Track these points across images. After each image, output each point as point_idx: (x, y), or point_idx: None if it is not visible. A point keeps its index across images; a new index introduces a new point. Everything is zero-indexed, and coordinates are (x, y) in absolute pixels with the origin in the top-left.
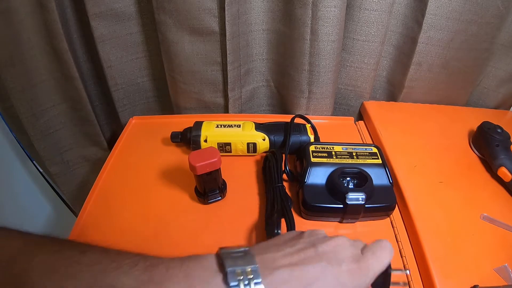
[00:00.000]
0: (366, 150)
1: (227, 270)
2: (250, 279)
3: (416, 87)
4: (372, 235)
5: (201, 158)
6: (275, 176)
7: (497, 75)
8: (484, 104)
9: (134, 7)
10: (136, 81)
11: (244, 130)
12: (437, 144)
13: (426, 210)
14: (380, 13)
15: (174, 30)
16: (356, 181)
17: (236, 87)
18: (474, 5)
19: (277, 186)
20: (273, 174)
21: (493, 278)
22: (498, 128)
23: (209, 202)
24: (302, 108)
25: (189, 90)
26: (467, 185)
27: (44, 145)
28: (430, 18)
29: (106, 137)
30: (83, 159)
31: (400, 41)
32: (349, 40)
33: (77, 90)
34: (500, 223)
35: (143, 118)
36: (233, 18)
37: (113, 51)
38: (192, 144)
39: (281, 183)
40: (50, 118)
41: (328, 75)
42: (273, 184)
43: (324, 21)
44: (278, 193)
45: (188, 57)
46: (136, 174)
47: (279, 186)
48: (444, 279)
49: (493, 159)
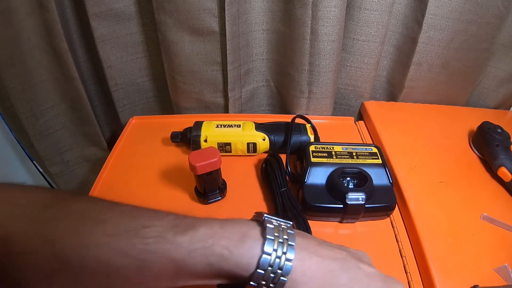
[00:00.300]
0: (366, 150)
1: (266, 225)
2: (286, 239)
3: (416, 87)
4: (372, 235)
5: (201, 158)
6: (280, 180)
7: (497, 75)
8: (484, 104)
9: (134, 7)
10: (136, 81)
11: (244, 130)
12: (437, 144)
13: (426, 210)
14: (380, 13)
15: (174, 30)
16: (356, 181)
17: (236, 87)
18: (474, 5)
19: (283, 191)
20: (278, 178)
21: (493, 278)
22: (498, 128)
23: (209, 202)
24: (302, 108)
25: (189, 90)
26: (467, 185)
27: (44, 145)
28: (430, 18)
29: (106, 137)
30: (83, 159)
31: (400, 41)
32: (349, 40)
33: (77, 90)
34: (500, 223)
35: (143, 118)
36: (233, 18)
37: (113, 51)
38: (192, 144)
39: (287, 187)
40: (50, 118)
41: (328, 75)
42: (279, 189)
43: (324, 21)
44: (287, 197)
45: (188, 57)
46: (136, 174)
47: (285, 191)
48: (444, 279)
49: (493, 159)
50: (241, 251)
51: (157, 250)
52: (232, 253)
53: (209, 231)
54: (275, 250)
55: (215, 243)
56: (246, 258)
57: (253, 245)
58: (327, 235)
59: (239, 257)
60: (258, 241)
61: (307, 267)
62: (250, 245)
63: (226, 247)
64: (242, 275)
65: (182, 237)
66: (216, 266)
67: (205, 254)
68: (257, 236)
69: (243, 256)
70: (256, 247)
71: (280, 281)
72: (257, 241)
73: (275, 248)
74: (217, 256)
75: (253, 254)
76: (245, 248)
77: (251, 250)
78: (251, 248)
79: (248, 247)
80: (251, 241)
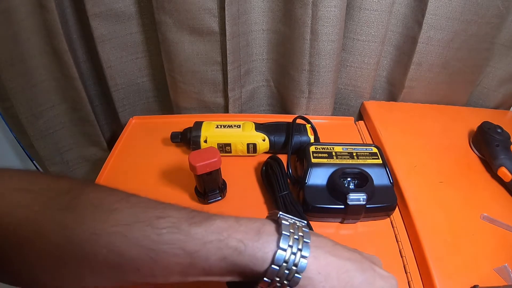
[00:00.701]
0: (366, 150)
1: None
2: (301, 236)
3: (416, 87)
4: (372, 235)
5: (201, 158)
6: (281, 184)
7: (497, 75)
8: (484, 104)
9: (134, 7)
10: (136, 81)
11: (244, 131)
12: (437, 144)
13: (426, 210)
14: (380, 13)
15: (174, 30)
16: (356, 181)
17: (236, 87)
18: (474, 5)
19: (285, 194)
20: (279, 181)
21: (493, 278)
22: (498, 128)
23: (209, 202)
24: (302, 108)
25: (189, 90)
26: (467, 185)
27: (44, 145)
28: (430, 18)
29: (106, 137)
30: (83, 159)
31: (400, 41)
32: (349, 40)
33: (77, 90)
34: (500, 223)
35: (143, 118)
36: (233, 18)
37: (113, 51)
38: (192, 145)
39: (288, 190)
40: (50, 118)
41: (328, 75)
42: (280, 192)
43: (324, 21)
44: (289, 201)
45: (188, 57)
46: (136, 174)
47: (287, 194)
48: (444, 279)
49: (493, 159)
50: (257, 245)
51: (171, 240)
52: (247, 247)
53: (224, 224)
54: (290, 246)
55: (230, 236)
56: (261, 253)
57: (269, 240)
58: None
59: (254, 251)
60: (273, 236)
61: (322, 266)
62: (266, 239)
63: (241, 240)
64: (255, 270)
65: (197, 229)
66: (229, 259)
67: (220, 246)
68: (272, 232)
69: (258, 250)
70: (272, 242)
71: (294, 278)
72: (272, 236)
73: (290, 244)
74: (232, 249)
75: (268, 249)
76: (261, 242)
77: (267, 244)
78: (267, 242)
79: (264, 242)
80: (266, 236)
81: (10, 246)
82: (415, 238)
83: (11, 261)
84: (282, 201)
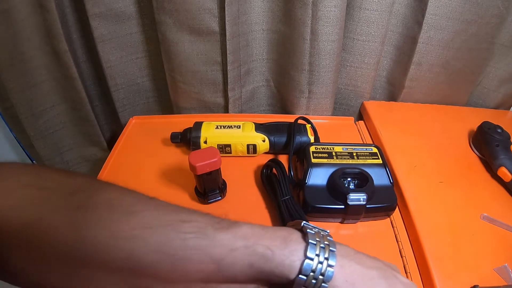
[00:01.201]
0: (366, 150)
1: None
2: (327, 245)
3: (416, 87)
4: (372, 236)
5: (201, 158)
6: (284, 189)
7: (497, 75)
8: (484, 104)
9: (134, 7)
10: (136, 81)
11: (244, 131)
12: (437, 144)
13: (426, 210)
14: (380, 13)
15: (174, 30)
16: (357, 181)
17: (236, 87)
18: (474, 5)
19: (287, 199)
20: (282, 185)
21: (493, 278)
22: (498, 128)
23: (209, 202)
24: (302, 108)
25: (189, 90)
26: (467, 185)
27: (44, 145)
28: (430, 18)
29: (106, 137)
30: (83, 159)
31: (400, 41)
32: (349, 40)
33: (76, 90)
34: (500, 223)
35: (143, 118)
36: (233, 18)
37: (113, 51)
38: (192, 146)
39: (290, 195)
40: (50, 118)
41: (328, 75)
42: (282, 197)
43: (324, 21)
44: (291, 206)
45: (188, 57)
46: (136, 174)
47: (289, 199)
48: (444, 279)
49: (493, 159)
50: (284, 252)
51: (197, 246)
52: (274, 254)
53: (250, 230)
54: (317, 255)
55: (257, 243)
56: (288, 261)
57: (297, 248)
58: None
59: (282, 259)
60: (301, 244)
61: (348, 274)
62: (293, 247)
63: (269, 247)
64: (281, 278)
65: (224, 234)
66: (256, 267)
67: (247, 253)
68: (299, 240)
69: (286, 258)
70: (299, 251)
71: (321, 287)
72: (300, 244)
73: (317, 253)
74: (259, 256)
75: (296, 258)
76: (288, 250)
77: (295, 252)
78: (295, 250)
79: (291, 250)
80: (293, 244)
81: (17, 244)
82: (415, 238)
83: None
84: (285, 206)
